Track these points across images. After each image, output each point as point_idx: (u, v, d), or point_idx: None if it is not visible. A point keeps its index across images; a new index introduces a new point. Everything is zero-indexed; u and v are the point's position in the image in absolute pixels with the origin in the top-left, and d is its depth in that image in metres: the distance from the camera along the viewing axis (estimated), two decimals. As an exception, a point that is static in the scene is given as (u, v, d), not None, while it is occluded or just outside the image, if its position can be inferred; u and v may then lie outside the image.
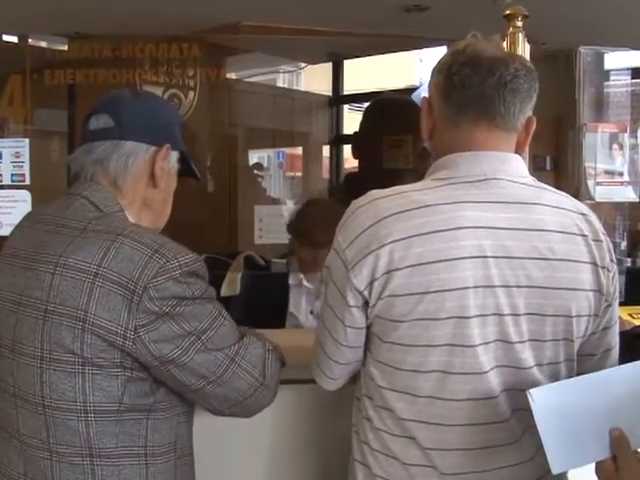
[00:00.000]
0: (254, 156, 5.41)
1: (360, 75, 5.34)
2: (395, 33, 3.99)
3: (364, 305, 1.23)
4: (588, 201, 2.04)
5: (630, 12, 3.46)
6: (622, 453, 1.15)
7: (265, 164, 5.64)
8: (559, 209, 1.26)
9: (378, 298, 1.21)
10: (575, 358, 1.29)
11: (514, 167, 1.28)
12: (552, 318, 1.23)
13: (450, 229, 1.19)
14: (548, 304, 1.23)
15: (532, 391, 1.15)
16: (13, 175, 2.50)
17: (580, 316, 1.26)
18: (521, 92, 1.25)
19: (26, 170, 2.50)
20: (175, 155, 1.42)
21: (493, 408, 1.23)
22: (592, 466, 1.19)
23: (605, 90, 2.22)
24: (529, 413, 1.15)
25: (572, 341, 1.26)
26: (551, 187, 1.31)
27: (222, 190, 4.26)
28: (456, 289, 1.18)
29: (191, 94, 3.65)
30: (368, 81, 5.40)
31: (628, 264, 2.39)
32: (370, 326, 1.26)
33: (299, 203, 2.71)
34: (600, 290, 1.27)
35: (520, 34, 1.83)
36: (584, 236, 1.26)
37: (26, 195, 2.48)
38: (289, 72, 6.01)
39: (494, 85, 1.24)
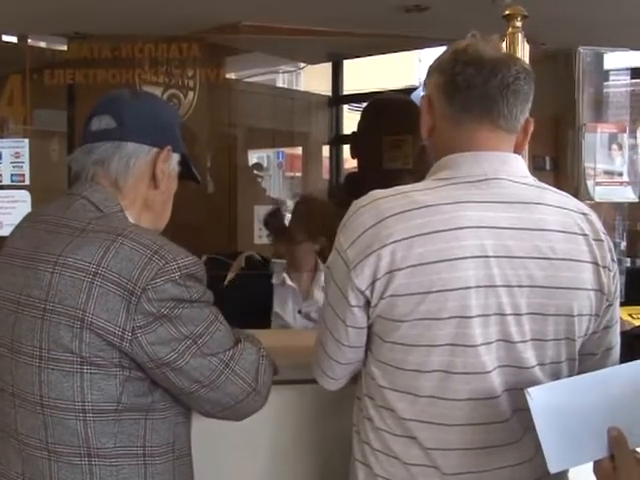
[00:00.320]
0: (254, 156, 5.40)
1: (360, 75, 5.34)
2: (395, 33, 3.99)
3: (365, 305, 1.23)
4: (587, 201, 2.04)
5: (629, 12, 3.46)
6: (620, 452, 1.15)
7: (265, 164, 5.63)
8: (560, 209, 1.27)
9: (380, 298, 1.21)
10: (577, 357, 1.29)
11: (515, 167, 1.28)
12: (554, 317, 1.24)
13: (451, 229, 1.19)
14: (550, 304, 1.23)
15: (530, 390, 1.15)
16: (13, 175, 2.49)
17: (581, 315, 1.26)
18: (522, 94, 1.26)
19: (26, 170, 2.50)
20: (176, 157, 1.42)
21: (494, 408, 1.23)
22: (592, 467, 1.19)
23: (604, 90, 2.23)
24: (529, 413, 1.15)
25: (574, 340, 1.27)
26: (552, 187, 1.32)
27: (222, 190, 4.25)
28: (458, 289, 1.18)
29: (190, 94, 3.65)
30: (368, 81, 5.40)
31: (628, 264, 2.39)
32: (371, 326, 1.26)
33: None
34: (601, 289, 1.27)
35: (519, 34, 1.83)
36: (585, 235, 1.26)
37: (26, 195, 2.47)
38: (289, 72, 6.01)
39: (497, 86, 1.24)
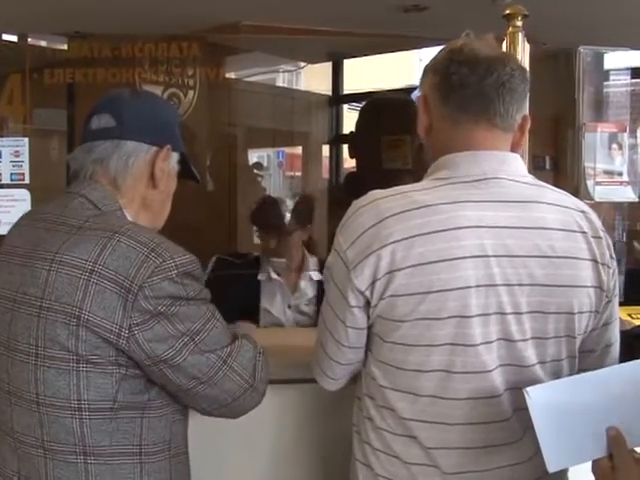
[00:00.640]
0: (254, 155, 5.40)
1: (360, 75, 5.33)
2: (395, 33, 3.98)
3: (365, 305, 1.23)
4: (587, 201, 2.04)
5: (630, 12, 3.46)
6: (618, 452, 1.15)
7: (265, 164, 5.64)
8: (559, 207, 1.27)
9: (380, 298, 1.21)
10: (577, 355, 1.29)
11: (514, 166, 1.28)
12: (554, 315, 1.24)
13: (451, 229, 1.19)
14: (550, 302, 1.23)
15: (529, 389, 1.15)
16: (12, 174, 2.49)
17: (582, 313, 1.26)
18: (517, 92, 1.26)
19: (25, 169, 2.49)
20: (175, 156, 1.42)
21: (495, 407, 1.23)
22: (590, 466, 1.19)
23: (605, 90, 2.23)
24: (529, 412, 1.15)
25: (574, 338, 1.27)
26: (550, 185, 1.32)
27: (221, 189, 4.25)
28: (458, 288, 1.18)
29: (190, 93, 3.65)
30: (368, 81, 5.40)
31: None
32: (371, 326, 1.26)
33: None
34: (601, 286, 1.27)
35: (520, 34, 1.83)
36: (584, 233, 1.26)
37: (25, 194, 2.47)
38: (289, 72, 6.00)
39: (492, 85, 1.24)
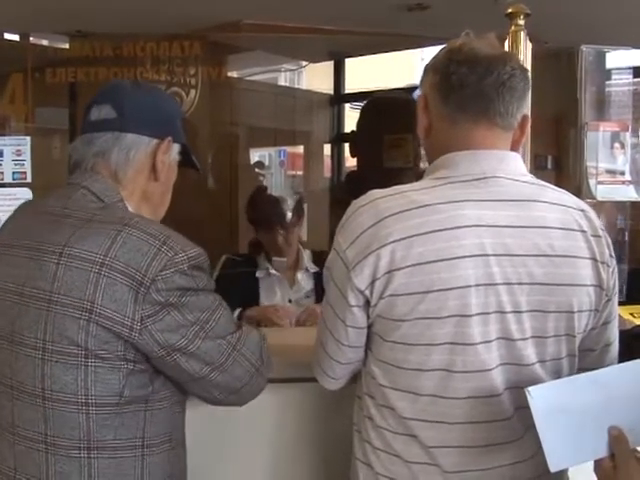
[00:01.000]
0: (255, 155, 5.40)
1: (361, 74, 5.33)
2: (396, 32, 3.99)
3: (365, 305, 1.23)
4: (589, 200, 2.04)
5: (632, 11, 3.46)
6: (620, 452, 1.15)
7: (266, 163, 5.64)
8: (559, 206, 1.27)
9: (379, 298, 1.21)
10: (577, 354, 1.29)
11: (513, 165, 1.28)
12: (554, 314, 1.24)
13: (451, 228, 1.19)
14: (550, 300, 1.23)
15: (531, 389, 1.15)
16: (14, 173, 2.48)
17: (581, 311, 1.26)
18: (517, 91, 1.26)
19: (27, 168, 2.49)
20: (176, 148, 1.42)
21: (496, 406, 1.23)
22: (592, 466, 1.19)
23: (607, 89, 2.22)
24: (530, 411, 1.15)
25: (574, 336, 1.27)
26: (550, 184, 1.32)
27: (223, 188, 4.25)
28: (458, 288, 1.18)
29: (192, 92, 3.66)
30: (369, 80, 5.40)
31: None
32: (371, 325, 1.26)
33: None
34: (600, 285, 1.27)
35: (522, 33, 1.83)
36: (583, 232, 1.26)
37: (27, 193, 2.46)
38: (290, 71, 6.00)
39: (492, 84, 1.24)
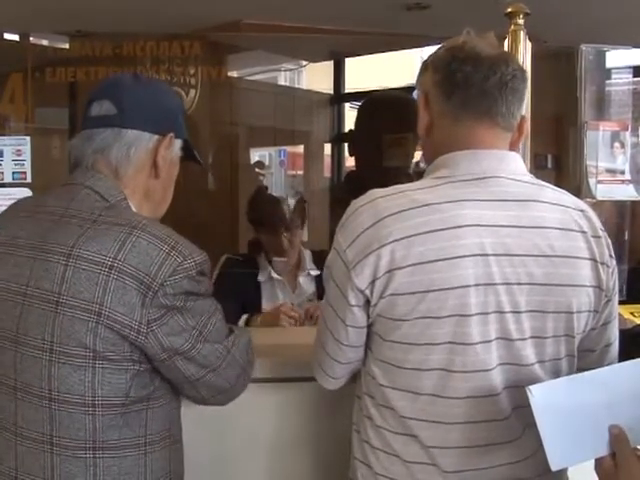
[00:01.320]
0: (255, 154, 5.40)
1: (361, 73, 5.33)
2: (396, 31, 3.99)
3: (365, 304, 1.23)
4: (589, 199, 2.04)
5: (632, 10, 3.46)
6: (621, 450, 1.15)
7: (266, 162, 5.64)
8: (558, 206, 1.27)
9: (380, 297, 1.21)
10: (576, 354, 1.29)
11: (513, 165, 1.28)
12: (553, 315, 1.24)
13: (451, 227, 1.19)
14: (549, 301, 1.23)
15: (532, 387, 1.15)
16: (14, 173, 2.48)
17: (580, 312, 1.26)
18: (518, 92, 1.27)
19: (27, 168, 2.48)
20: (178, 143, 1.41)
21: (494, 406, 1.23)
22: (591, 465, 1.19)
23: (607, 88, 2.22)
24: (529, 410, 1.15)
25: (573, 337, 1.27)
26: (550, 184, 1.32)
27: (223, 188, 4.25)
28: (458, 287, 1.18)
29: (192, 92, 3.65)
30: (369, 79, 5.40)
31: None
32: (371, 325, 1.26)
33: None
34: (600, 286, 1.27)
35: (521, 32, 1.83)
36: (583, 232, 1.26)
37: (27, 193, 2.46)
38: (290, 70, 6.00)
39: (496, 84, 1.24)
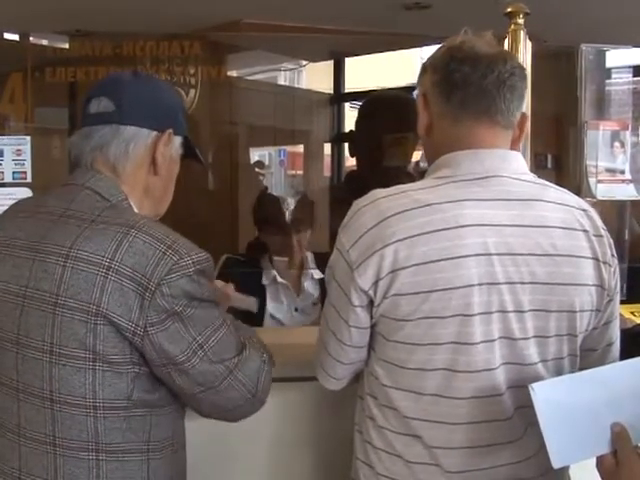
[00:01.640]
0: (255, 154, 5.40)
1: (361, 73, 5.33)
2: (396, 31, 3.99)
3: (369, 305, 1.23)
4: (589, 199, 2.04)
5: (632, 10, 3.46)
6: (623, 448, 1.15)
7: (266, 162, 5.64)
8: (561, 205, 1.27)
9: (383, 297, 1.20)
10: (578, 354, 1.29)
11: (515, 164, 1.28)
12: (556, 314, 1.24)
13: (454, 227, 1.19)
14: (552, 300, 1.23)
15: (534, 385, 1.16)
16: (14, 173, 2.48)
17: (583, 311, 1.26)
18: (517, 89, 1.27)
19: (27, 168, 2.48)
20: (178, 140, 1.39)
21: (497, 406, 1.23)
22: (593, 464, 1.19)
23: (607, 88, 2.22)
24: (531, 410, 1.15)
25: (575, 336, 1.27)
26: (552, 184, 1.32)
27: (223, 188, 4.25)
28: (461, 287, 1.18)
29: (192, 92, 3.65)
30: (369, 79, 5.40)
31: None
32: (374, 325, 1.26)
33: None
34: (602, 285, 1.27)
35: (521, 32, 1.83)
36: (585, 232, 1.26)
37: (27, 193, 2.46)
38: (290, 70, 5.99)
39: (494, 82, 1.24)
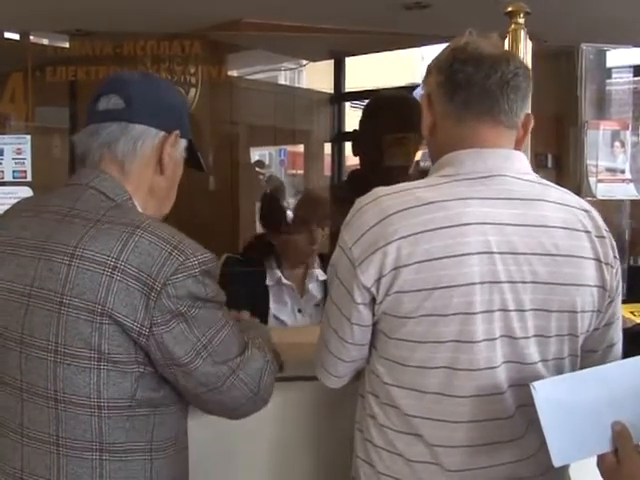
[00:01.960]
0: (256, 154, 5.41)
1: (362, 72, 5.34)
2: (396, 31, 4.00)
3: (371, 302, 1.23)
4: (589, 198, 2.04)
5: (632, 10, 3.47)
6: (624, 447, 1.16)
7: (267, 162, 5.65)
8: (563, 206, 1.27)
9: (385, 295, 1.21)
10: (579, 354, 1.29)
11: (518, 164, 1.28)
12: (557, 314, 1.24)
13: (456, 225, 1.19)
14: (553, 300, 1.23)
15: (535, 383, 1.16)
16: (15, 172, 2.48)
17: (584, 312, 1.26)
18: (521, 90, 1.27)
19: (28, 167, 2.48)
20: (183, 143, 1.40)
21: (498, 404, 1.23)
22: (594, 464, 1.19)
23: (607, 88, 2.22)
24: (532, 409, 1.16)
25: (576, 336, 1.27)
26: (554, 184, 1.32)
27: (224, 187, 4.25)
28: (463, 285, 1.18)
29: (192, 91, 3.65)
30: (369, 78, 5.40)
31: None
32: (376, 323, 1.26)
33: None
34: (603, 286, 1.27)
35: (522, 31, 1.83)
36: (587, 232, 1.27)
37: (28, 192, 2.46)
38: (290, 69, 6.00)
39: (497, 83, 1.25)
